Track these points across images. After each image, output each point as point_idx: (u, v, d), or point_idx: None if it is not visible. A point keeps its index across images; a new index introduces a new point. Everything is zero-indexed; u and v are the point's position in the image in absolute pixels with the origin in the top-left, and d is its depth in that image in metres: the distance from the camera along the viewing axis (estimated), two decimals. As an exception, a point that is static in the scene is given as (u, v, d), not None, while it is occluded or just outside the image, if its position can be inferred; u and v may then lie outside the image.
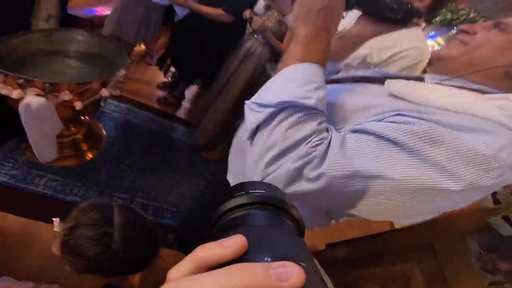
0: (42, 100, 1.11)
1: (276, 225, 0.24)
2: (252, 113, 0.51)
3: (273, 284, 0.16)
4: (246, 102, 0.54)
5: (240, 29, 2.06)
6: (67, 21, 2.37)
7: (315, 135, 0.47)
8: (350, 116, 0.54)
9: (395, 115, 0.47)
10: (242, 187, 0.27)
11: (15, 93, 1.06)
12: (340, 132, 0.49)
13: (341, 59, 0.82)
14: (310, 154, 0.46)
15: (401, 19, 0.70)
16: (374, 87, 0.60)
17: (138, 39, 2.45)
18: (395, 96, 0.52)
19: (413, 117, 0.45)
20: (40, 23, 1.64)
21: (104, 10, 2.78)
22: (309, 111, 0.48)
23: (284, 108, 0.48)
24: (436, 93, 0.50)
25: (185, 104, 2.72)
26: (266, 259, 0.18)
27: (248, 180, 0.29)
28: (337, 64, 0.83)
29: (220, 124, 2.13)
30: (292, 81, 0.50)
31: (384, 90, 0.55)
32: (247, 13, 1.92)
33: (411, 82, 0.54)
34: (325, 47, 0.54)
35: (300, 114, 0.48)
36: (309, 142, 0.46)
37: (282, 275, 0.16)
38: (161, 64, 2.55)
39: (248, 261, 0.18)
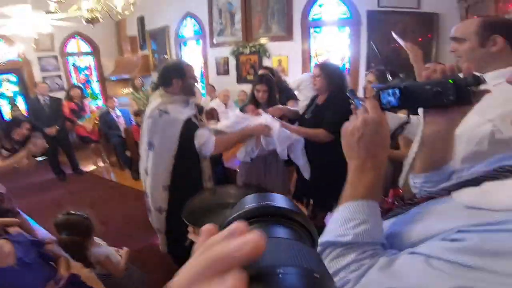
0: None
1: (293, 236, 0.24)
2: None
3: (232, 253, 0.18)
4: None
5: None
6: (225, 173, 2.91)
7: (354, 264, 0.50)
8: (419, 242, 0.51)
9: (456, 232, 0.44)
10: (264, 198, 0.28)
11: None
12: (394, 255, 0.49)
13: (444, 163, 0.70)
14: (345, 278, 0.49)
15: (459, 98, 0.58)
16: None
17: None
18: (472, 207, 0.47)
19: (476, 231, 0.41)
20: (206, 183, 2.11)
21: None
22: (347, 246, 0.52)
23: (327, 246, 0.54)
24: None
25: None
26: (279, 270, 0.18)
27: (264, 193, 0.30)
28: (446, 168, 0.70)
29: None
30: (335, 222, 0.56)
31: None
32: None
33: (486, 185, 0.49)
34: (372, 177, 0.57)
35: (339, 250, 0.52)
36: (348, 269, 0.50)
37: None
38: (297, 200, 2.68)
39: (260, 267, 0.19)
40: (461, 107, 0.60)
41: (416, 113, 0.71)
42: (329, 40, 4.59)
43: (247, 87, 5.08)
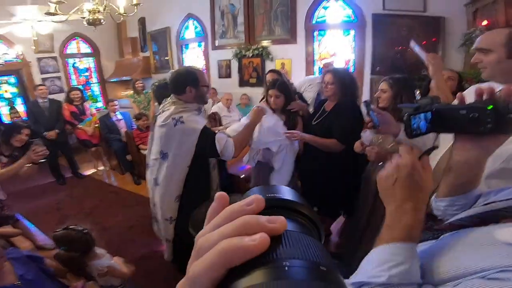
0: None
1: (299, 229, 0.24)
2: None
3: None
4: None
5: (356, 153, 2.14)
6: (230, 180, 2.87)
7: None
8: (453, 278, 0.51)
9: (499, 271, 0.42)
10: (270, 190, 0.28)
11: None
12: None
13: (470, 189, 0.67)
14: None
15: (498, 126, 0.53)
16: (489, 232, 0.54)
17: None
18: None
19: None
20: (214, 192, 2.04)
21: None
22: (381, 286, 0.52)
23: (360, 286, 0.54)
24: None
25: (333, 238, 2.77)
26: (285, 263, 0.19)
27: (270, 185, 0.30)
28: (472, 193, 0.68)
29: None
30: (370, 263, 0.56)
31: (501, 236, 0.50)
32: (359, 146, 1.94)
33: None
34: (411, 219, 0.56)
35: None
36: None
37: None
38: None
39: (269, 260, 0.19)
40: (498, 135, 0.55)
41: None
42: (334, 43, 4.53)
43: (249, 90, 5.12)
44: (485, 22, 3.31)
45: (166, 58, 6.21)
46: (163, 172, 1.93)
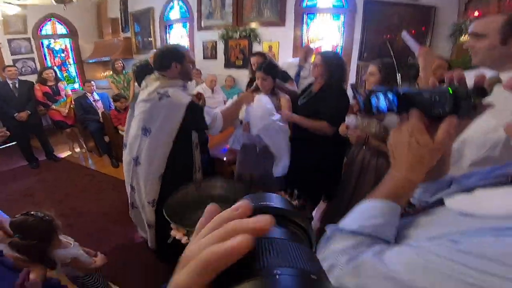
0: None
1: (290, 236, 0.24)
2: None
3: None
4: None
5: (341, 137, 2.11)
6: (212, 164, 2.74)
7: (350, 249, 0.52)
8: None
9: (449, 239, 0.44)
10: (260, 198, 0.28)
11: (184, 239, 1.33)
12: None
13: (439, 176, 0.66)
14: (337, 260, 0.51)
15: (455, 110, 0.52)
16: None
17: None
18: (465, 214, 0.49)
19: (467, 236, 0.43)
20: (196, 174, 2.03)
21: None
22: (351, 233, 0.55)
23: (334, 231, 0.58)
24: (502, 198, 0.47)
25: (315, 224, 2.73)
26: (275, 271, 0.19)
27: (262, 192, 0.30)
28: (443, 179, 0.67)
29: None
30: (349, 214, 0.60)
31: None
32: (344, 128, 1.93)
33: (478, 191, 0.51)
34: (400, 181, 0.59)
35: (343, 235, 0.56)
36: (343, 252, 0.52)
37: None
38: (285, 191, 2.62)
39: (259, 269, 0.19)
40: (461, 120, 0.54)
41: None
42: (323, 27, 4.44)
43: (234, 72, 5.01)
44: (476, 13, 3.29)
45: (150, 39, 5.96)
46: (145, 148, 1.84)
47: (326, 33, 4.43)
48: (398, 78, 1.85)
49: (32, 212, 1.48)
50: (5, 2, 3.36)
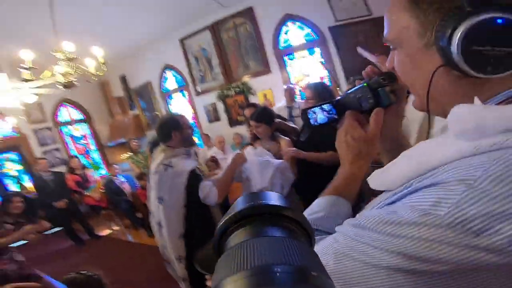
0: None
1: (287, 234, 0.24)
2: None
3: None
4: None
5: None
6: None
7: None
8: None
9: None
10: (255, 197, 0.27)
11: None
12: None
13: None
14: None
15: (378, 100, 0.58)
16: None
17: None
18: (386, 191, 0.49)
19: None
20: None
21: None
22: None
23: None
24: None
25: None
26: (276, 269, 0.18)
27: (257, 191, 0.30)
28: None
29: None
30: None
31: None
32: None
33: (382, 168, 0.48)
34: (340, 177, 0.64)
35: None
36: None
37: None
38: None
39: (256, 266, 0.18)
40: (390, 108, 0.59)
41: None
42: (303, 64, 4.75)
43: (240, 129, 5.11)
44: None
45: (156, 113, 6.28)
46: (162, 214, 2.04)
47: (309, 68, 4.73)
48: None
49: (82, 271, 1.73)
50: (18, 88, 3.67)
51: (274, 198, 0.27)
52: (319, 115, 0.67)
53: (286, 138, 2.33)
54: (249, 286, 0.17)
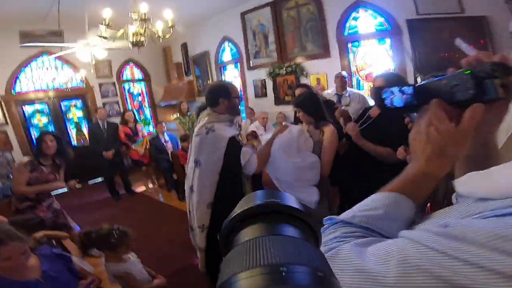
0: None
1: (297, 234, 0.24)
2: None
3: None
4: None
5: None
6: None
7: (335, 239, 0.48)
8: None
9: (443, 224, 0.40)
10: (270, 195, 0.28)
11: None
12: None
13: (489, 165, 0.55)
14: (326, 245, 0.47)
15: (481, 92, 0.45)
16: None
17: None
18: (483, 199, 0.42)
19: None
20: None
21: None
22: (343, 224, 0.51)
23: (328, 221, 0.54)
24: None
25: None
26: (282, 268, 0.19)
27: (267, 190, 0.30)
28: None
29: None
30: (357, 205, 0.54)
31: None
32: (402, 152, 1.73)
33: (480, 173, 0.44)
34: (409, 172, 0.54)
35: (336, 226, 0.51)
36: (326, 243, 0.48)
37: None
38: None
39: (264, 265, 0.19)
40: (493, 103, 0.46)
41: None
42: (370, 53, 4.40)
43: (285, 108, 5.08)
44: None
45: (209, 81, 6.48)
46: (197, 178, 2.03)
47: (374, 58, 4.37)
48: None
49: (106, 226, 1.90)
50: (95, 46, 4.06)
51: (288, 199, 0.28)
52: (396, 97, 0.57)
53: (331, 127, 2.13)
54: (261, 284, 0.18)
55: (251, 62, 5.62)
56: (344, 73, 3.91)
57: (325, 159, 2.08)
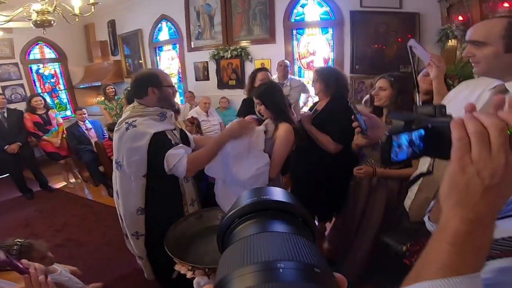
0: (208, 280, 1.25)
1: (292, 230, 0.24)
2: None
3: None
4: None
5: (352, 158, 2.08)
6: (208, 191, 2.65)
7: None
8: None
9: None
10: (260, 192, 0.28)
11: (189, 274, 1.32)
12: None
13: None
14: None
15: None
16: None
17: None
18: None
19: None
20: (188, 207, 1.86)
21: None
22: None
23: None
24: None
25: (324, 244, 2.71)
26: (279, 265, 0.19)
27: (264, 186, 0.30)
28: None
29: (365, 259, 2.01)
30: None
31: None
32: (355, 145, 1.91)
33: None
34: (486, 240, 0.38)
35: None
36: None
37: None
38: None
39: (261, 262, 0.20)
40: None
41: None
42: (313, 41, 4.48)
43: (228, 93, 4.98)
44: (460, 18, 3.37)
45: (140, 61, 5.93)
46: (119, 182, 1.71)
47: (316, 47, 4.47)
48: (416, 96, 1.63)
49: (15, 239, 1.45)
50: None
51: (279, 194, 0.28)
52: (403, 151, 0.47)
53: (288, 124, 1.87)
54: (255, 281, 0.18)
55: (192, 43, 5.24)
56: (287, 62, 3.86)
57: (275, 161, 1.82)
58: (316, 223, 2.88)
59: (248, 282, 0.18)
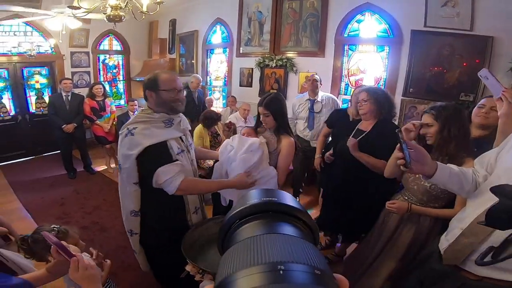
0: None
1: (295, 233, 0.25)
2: None
3: None
4: None
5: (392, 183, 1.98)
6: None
7: None
8: None
9: None
10: (268, 193, 0.29)
11: (197, 276, 1.40)
12: None
13: None
14: None
15: None
16: None
17: None
18: None
19: None
20: (191, 215, 1.86)
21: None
22: None
23: None
24: None
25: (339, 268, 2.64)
26: (279, 267, 0.19)
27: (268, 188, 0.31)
28: None
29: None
30: None
31: None
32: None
33: None
34: None
35: None
36: None
37: None
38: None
39: (262, 263, 0.20)
40: None
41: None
42: (365, 59, 4.20)
43: None
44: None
45: (192, 61, 6.16)
46: (119, 183, 1.77)
47: (368, 65, 4.19)
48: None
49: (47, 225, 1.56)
50: (69, 16, 3.73)
51: (286, 198, 0.29)
52: None
53: (291, 139, 1.92)
54: (261, 282, 0.18)
55: (241, 49, 5.29)
56: (317, 76, 3.63)
57: (282, 169, 1.92)
58: (339, 244, 2.71)
59: (255, 282, 0.18)
